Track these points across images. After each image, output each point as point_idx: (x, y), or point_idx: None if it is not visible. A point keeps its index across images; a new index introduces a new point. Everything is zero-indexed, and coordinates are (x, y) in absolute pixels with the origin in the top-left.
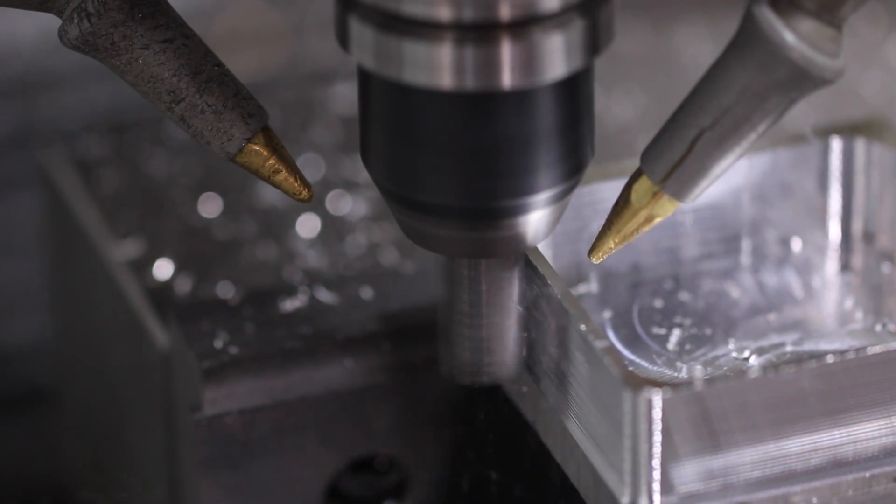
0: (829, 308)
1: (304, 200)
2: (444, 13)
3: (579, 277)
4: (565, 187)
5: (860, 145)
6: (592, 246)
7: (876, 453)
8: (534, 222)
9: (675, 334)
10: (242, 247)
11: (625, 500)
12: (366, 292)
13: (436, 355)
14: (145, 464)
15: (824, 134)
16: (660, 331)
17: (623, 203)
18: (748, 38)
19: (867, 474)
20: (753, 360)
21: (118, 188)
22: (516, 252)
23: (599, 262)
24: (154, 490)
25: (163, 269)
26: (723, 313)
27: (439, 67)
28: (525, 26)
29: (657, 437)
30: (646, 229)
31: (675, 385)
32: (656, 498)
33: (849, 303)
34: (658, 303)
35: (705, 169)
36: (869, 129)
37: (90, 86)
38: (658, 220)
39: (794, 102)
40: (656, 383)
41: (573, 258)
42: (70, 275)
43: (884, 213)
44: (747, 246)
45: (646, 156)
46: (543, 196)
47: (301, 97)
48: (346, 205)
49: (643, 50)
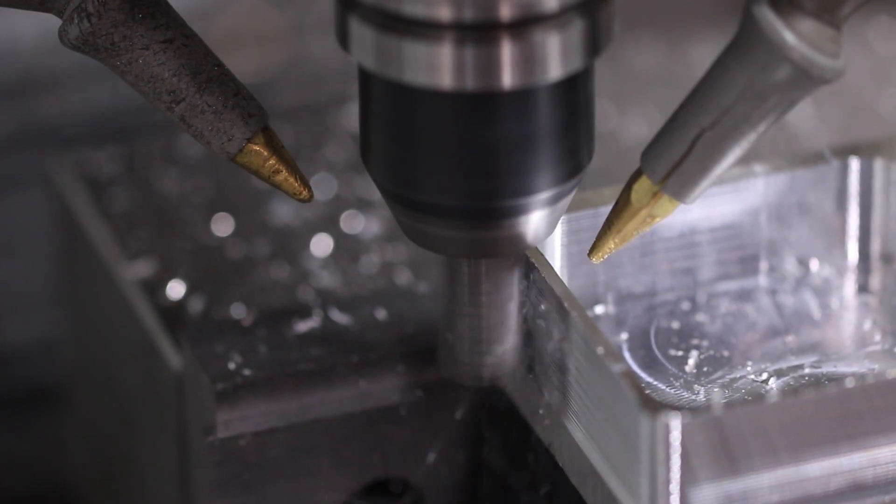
0: (848, 330)
1: (304, 200)
2: (445, 13)
3: (595, 299)
4: (566, 187)
5: (879, 165)
6: (592, 246)
7: (895, 477)
8: (534, 222)
9: (693, 356)
10: (255, 267)
11: None
12: (380, 313)
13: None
14: (157, 486)
15: (843, 154)
16: (677, 353)
17: (623, 203)
18: (748, 38)
19: (886, 498)
20: (772, 383)
21: (130, 207)
22: (516, 252)
23: (599, 261)
24: None
25: (175, 289)
26: (740, 335)
27: (439, 67)
28: (525, 26)
29: (675, 462)
30: (645, 229)
31: (693, 410)
32: None
33: (867, 324)
34: (675, 324)
35: (705, 169)
36: (888, 148)
37: (90, 86)
38: (658, 220)
39: (794, 102)
40: (674, 408)
41: (589, 279)
42: (82, 292)
43: None
44: (765, 267)
45: (646, 156)
46: (544, 196)
47: (313, 115)
48: (359, 224)
49: (658, 67)
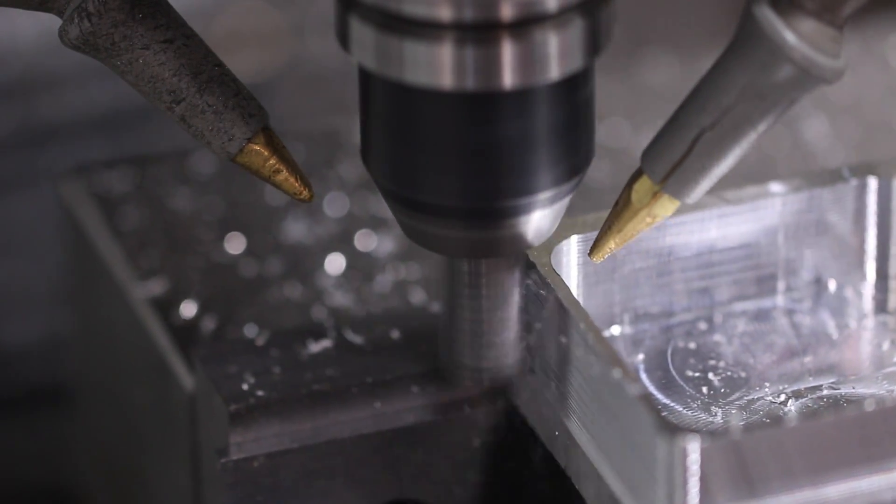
0: (866, 350)
1: (304, 200)
2: (445, 13)
3: (611, 319)
4: (566, 187)
5: None
6: (592, 246)
7: None
8: (534, 222)
9: (710, 377)
10: (268, 286)
11: None
12: (394, 333)
13: (466, 398)
14: None
15: (861, 173)
16: (694, 374)
17: (623, 203)
18: (748, 37)
19: None
20: (790, 405)
21: (142, 225)
22: (517, 252)
23: (600, 261)
24: None
25: (188, 308)
26: (758, 355)
27: (440, 67)
28: (526, 26)
29: (693, 486)
30: (646, 229)
31: (711, 432)
32: None
33: (885, 345)
34: (692, 345)
35: (706, 169)
36: None
37: (90, 86)
38: (658, 220)
39: (794, 102)
40: (692, 431)
41: (605, 299)
42: (94, 308)
43: None
44: (782, 287)
45: (646, 155)
46: (544, 196)
47: (326, 134)
48: (373, 242)
49: (671, 83)
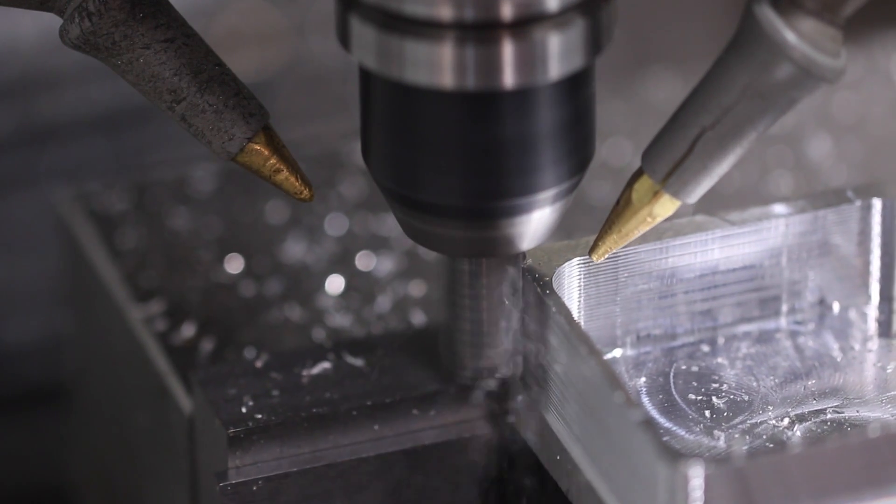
0: (870, 373)
1: (305, 200)
2: (446, 13)
3: (613, 341)
4: (566, 187)
5: None
6: (592, 245)
7: None
8: (534, 222)
9: (713, 401)
10: (268, 307)
11: None
12: (394, 355)
13: (467, 421)
14: None
15: (865, 194)
16: (697, 397)
17: (624, 202)
18: (749, 37)
19: None
20: (793, 428)
21: (140, 246)
22: (517, 251)
23: (600, 260)
24: None
25: (186, 330)
26: (761, 378)
27: (440, 67)
28: (526, 26)
29: None
30: (646, 229)
31: (713, 459)
32: None
33: (890, 367)
34: (695, 368)
35: (706, 168)
36: None
37: (90, 86)
38: (659, 220)
39: (795, 102)
40: (694, 457)
41: (607, 321)
42: (92, 328)
43: None
44: (786, 309)
45: (647, 155)
46: (544, 196)
47: (327, 154)
48: (372, 262)
49: (673, 102)
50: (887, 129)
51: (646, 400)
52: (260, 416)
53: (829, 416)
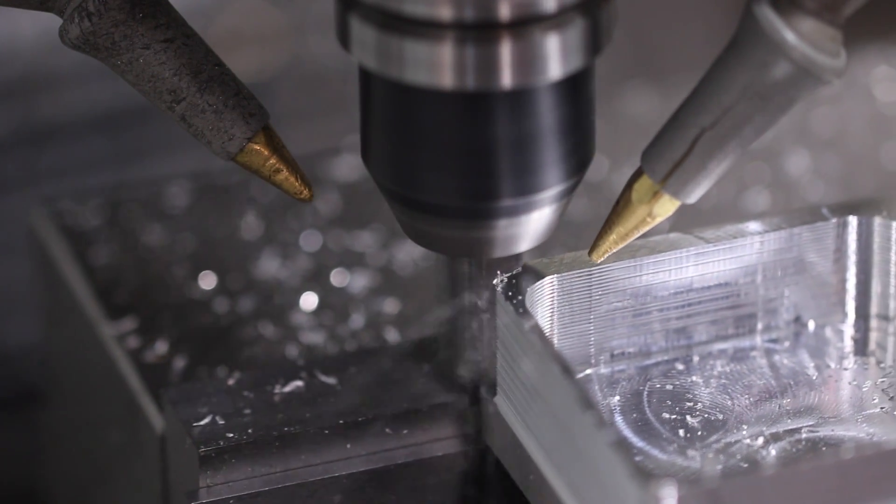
0: (845, 392)
1: (304, 200)
2: (445, 13)
3: (587, 359)
4: (566, 187)
5: (878, 223)
6: (592, 245)
7: None
8: (534, 222)
9: (687, 419)
10: (241, 325)
11: None
12: (367, 373)
13: (440, 439)
14: None
15: (841, 212)
16: (671, 416)
17: (624, 202)
18: (748, 37)
19: None
20: (768, 448)
21: (113, 262)
22: (516, 252)
23: (600, 260)
24: None
25: (159, 348)
26: (736, 397)
27: (440, 67)
28: (526, 26)
29: None
30: (646, 229)
31: (686, 479)
32: None
33: (866, 386)
34: (669, 386)
35: (706, 168)
36: (887, 206)
37: (90, 85)
38: (659, 220)
39: (794, 102)
40: (667, 477)
41: (580, 339)
42: (64, 343)
43: None
44: (761, 327)
45: (646, 155)
46: (544, 195)
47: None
48: (347, 280)
49: (651, 117)
50: (866, 145)
51: (619, 419)
52: (231, 434)
53: (804, 435)
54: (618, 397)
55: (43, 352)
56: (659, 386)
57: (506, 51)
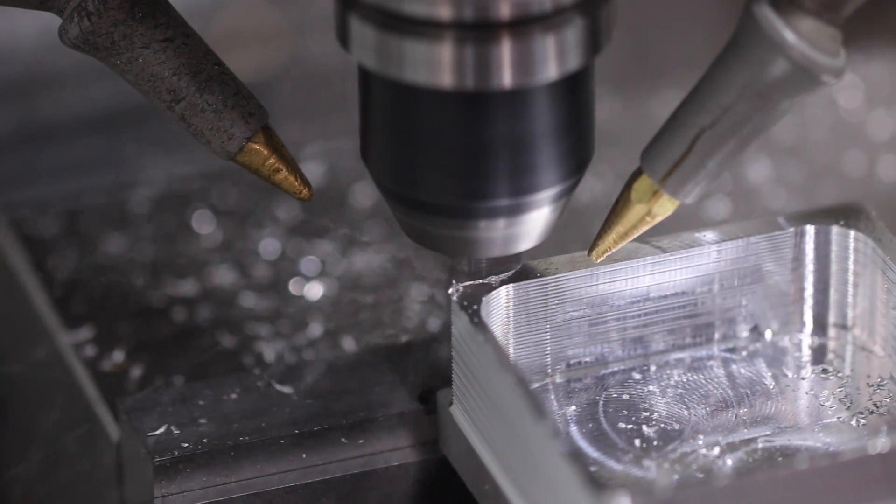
0: (803, 401)
1: (304, 199)
2: (445, 12)
3: (543, 369)
4: (565, 186)
5: (835, 232)
6: (592, 245)
7: None
8: (533, 222)
9: (644, 429)
10: (198, 334)
11: None
12: (323, 383)
13: (395, 449)
14: None
15: (798, 221)
16: (627, 426)
17: (623, 202)
18: (748, 36)
19: None
20: (724, 458)
21: (72, 271)
22: (516, 251)
23: (600, 260)
24: None
25: (116, 357)
26: (693, 407)
27: (440, 67)
28: (525, 26)
29: None
30: (645, 228)
31: (639, 490)
32: None
33: (823, 395)
34: (625, 396)
35: (705, 168)
36: (844, 215)
37: (90, 85)
38: (658, 219)
39: (794, 102)
40: (621, 488)
41: (536, 349)
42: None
43: (859, 302)
44: (718, 336)
45: (646, 154)
46: (543, 195)
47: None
48: (305, 288)
49: (614, 124)
50: (827, 153)
51: (575, 429)
52: (186, 444)
53: (760, 445)
54: (574, 407)
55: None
56: (615, 395)
57: (505, 50)
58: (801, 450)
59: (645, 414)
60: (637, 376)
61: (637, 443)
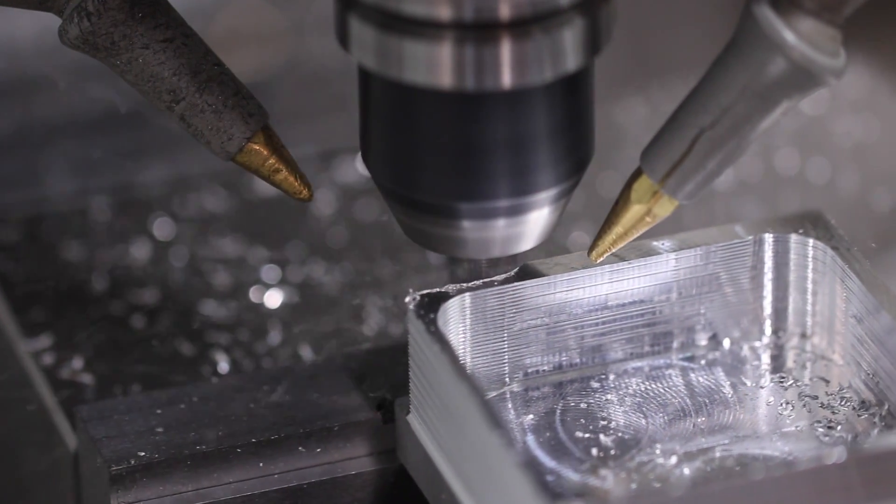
0: (762, 410)
1: (304, 200)
2: (444, 13)
3: (500, 378)
4: (565, 187)
5: (794, 241)
6: (591, 245)
7: None
8: (532, 222)
9: (601, 438)
10: (157, 342)
11: None
12: (280, 392)
13: (353, 458)
14: None
15: (757, 229)
16: (584, 434)
17: (623, 202)
18: (748, 37)
19: None
20: (681, 467)
21: (31, 279)
22: (515, 252)
23: (600, 260)
24: None
25: (74, 365)
26: (650, 415)
27: (439, 67)
28: (525, 26)
29: None
30: (645, 229)
31: (594, 500)
32: None
33: (782, 404)
34: (583, 405)
35: (705, 168)
36: (803, 223)
37: (90, 86)
38: (658, 220)
39: (794, 102)
40: (574, 499)
41: (494, 357)
42: None
43: (818, 311)
44: (677, 344)
45: (646, 155)
46: (543, 196)
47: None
48: (264, 296)
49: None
50: (791, 160)
51: (532, 438)
52: (143, 453)
53: (718, 454)
54: (531, 416)
55: None
56: (573, 404)
57: (505, 51)
58: (759, 459)
59: (602, 423)
60: (595, 385)
61: (594, 452)
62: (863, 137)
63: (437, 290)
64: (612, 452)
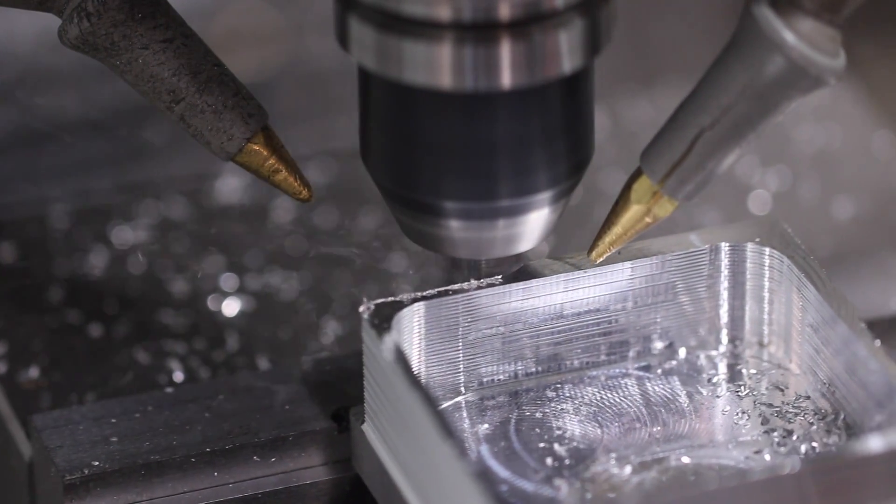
0: (717, 419)
1: (304, 200)
2: (444, 13)
3: (455, 387)
4: (564, 187)
5: (750, 249)
6: (591, 246)
7: None
8: (532, 222)
9: (556, 448)
10: (113, 351)
11: None
12: (235, 400)
13: (308, 467)
14: None
15: (713, 237)
16: (539, 444)
17: (622, 203)
18: (747, 37)
19: None
20: (636, 477)
21: None
22: (515, 252)
23: (600, 260)
24: None
25: (30, 374)
26: (606, 425)
27: (439, 67)
28: (524, 26)
29: None
30: (645, 229)
31: None
32: None
33: (737, 413)
34: (538, 414)
35: (705, 169)
36: (759, 231)
37: (90, 86)
38: (658, 220)
39: (793, 102)
40: None
41: (449, 366)
42: None
43: (774, 319)
44: (633, 353)
45: (646, 155)
46: (543, 196)
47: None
48: (222, 305)
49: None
50: (752, 168)
51: (486, 448)
52: (97, 463)
53: (673, 463)
54: (486, 425)
55: None
56: (528, 414)
57: (504, 51)
58: (715, 468)
59: (557, 432)
60: (551, 394)
61: (549, 461)
62: (824, 145)
63: (392, 298)
64: (567, 462)
